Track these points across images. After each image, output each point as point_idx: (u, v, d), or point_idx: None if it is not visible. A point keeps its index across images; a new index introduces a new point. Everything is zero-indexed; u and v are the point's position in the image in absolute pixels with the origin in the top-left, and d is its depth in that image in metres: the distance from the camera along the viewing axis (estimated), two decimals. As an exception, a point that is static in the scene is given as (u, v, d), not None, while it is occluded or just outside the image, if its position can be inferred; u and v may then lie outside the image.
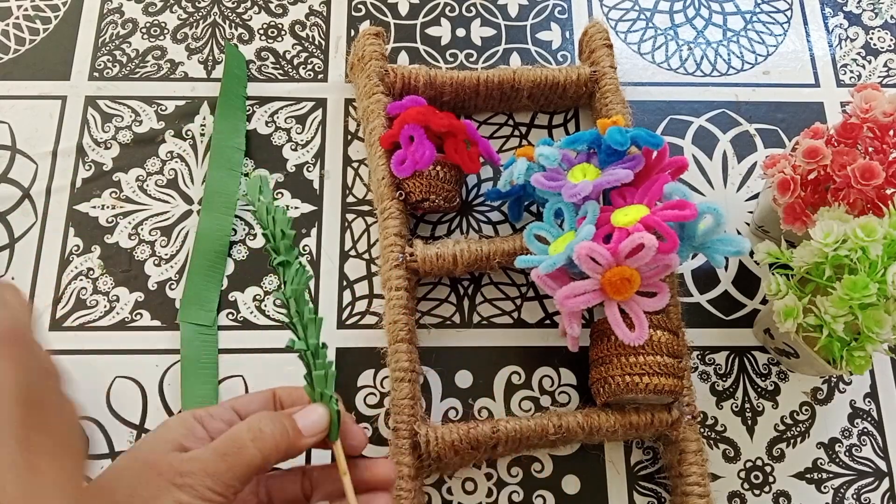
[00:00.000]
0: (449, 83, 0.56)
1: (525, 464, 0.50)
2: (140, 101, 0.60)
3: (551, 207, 0.49)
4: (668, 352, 0.45)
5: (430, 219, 0.57)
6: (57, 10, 0.63)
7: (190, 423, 0.34)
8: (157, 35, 0.62)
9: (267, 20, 0.63)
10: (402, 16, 0.64)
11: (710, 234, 0.45)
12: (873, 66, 0.64)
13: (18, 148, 0.58)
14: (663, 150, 0.47)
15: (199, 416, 0.35)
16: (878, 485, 0.51)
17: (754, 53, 0.64)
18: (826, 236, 0.42)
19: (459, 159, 0.51)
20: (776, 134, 0.61)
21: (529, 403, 0.52)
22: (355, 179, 0.58)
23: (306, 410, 0.35)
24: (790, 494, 0.50)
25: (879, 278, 0.41)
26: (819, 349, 0.45)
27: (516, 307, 0.54)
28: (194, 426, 0.34)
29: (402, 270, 0.50)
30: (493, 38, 0.63)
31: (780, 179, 0.47)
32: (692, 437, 0.48)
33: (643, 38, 0.64)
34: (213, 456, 0.32)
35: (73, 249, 0.55)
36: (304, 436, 0.34)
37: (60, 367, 0.31)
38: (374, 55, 0.55)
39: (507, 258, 0.50)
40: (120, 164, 0.57)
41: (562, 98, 0.58)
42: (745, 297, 0.55)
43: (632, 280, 0.43)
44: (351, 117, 0.60)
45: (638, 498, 0.50)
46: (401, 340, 0.48)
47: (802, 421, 0.52)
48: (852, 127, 0.47)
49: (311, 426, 0.35)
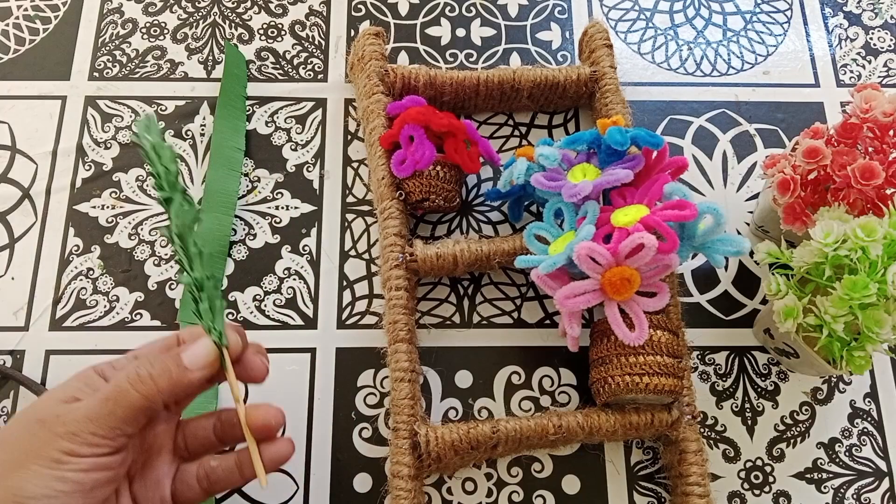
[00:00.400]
0: (449, 83, 0.56)
1: (525, 464, 0.50)
2: (140, 101, 0.59)
3: (551, 207, 0.49)
4: (668, 352, 0.45)
5: (430, 219, 0.57)
6: (57, 10, 0.63)
7: (88, 375, 0.34)
8: (157, 35, 0.62)
9: (267, 20, 0.63)
10: (402, 16, 0.64)
11: (710, 234, 0.45)
12: (873, 66, 0.64)
13: (18, 148, 0.58)
14: (663, 150, 0.47)
15: (101, 369, 0.35)
16: (878, 485, 0.51)
17: (754, 53, 0.64)
18: (826, 236, 0.42)
19: (459, 159, 0.51)
20: (776, 134, 0.61)
21: (529, 403, 0.52)
22: (355, 179, 0.58)
23: (191, 345, 0.35)
24: (790, 494, 0.50)
25: (879, 278, 0.41)
26: (819, 349, 0.45)
27: (516, 307, 0.54)
28: (93, 379, 0.34)
29: (402, 270, 0.50)
30: (493, 38, 0.63)
31: (780, 179, 0.47)
32: (692, 437, 0.48)
33: (643, 38, 0.64)
34: (95, 402, 0.32)
35: (73, 249, 0.55)
36: (190, 369, 0.34)
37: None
38: (374, 55, 0.55)
39: (507, 258, 0.50)
40: (120, 164, 0.57)
41: (562, 98, 0.58)
42: (745, 297, 0.55)
43: (632, 280, 0.43)
44: (351, 117, 0.60)
45: (638, 498, 0.50)
46: (401, 340, 0.48)
47: (802, 421, 0.52)
48: (852, 127, 0.47)
49: (195, 359, 0.34)
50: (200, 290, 0.36)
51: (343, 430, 0.51)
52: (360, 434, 0.51)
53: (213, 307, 0.36)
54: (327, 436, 0.50)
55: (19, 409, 0.51)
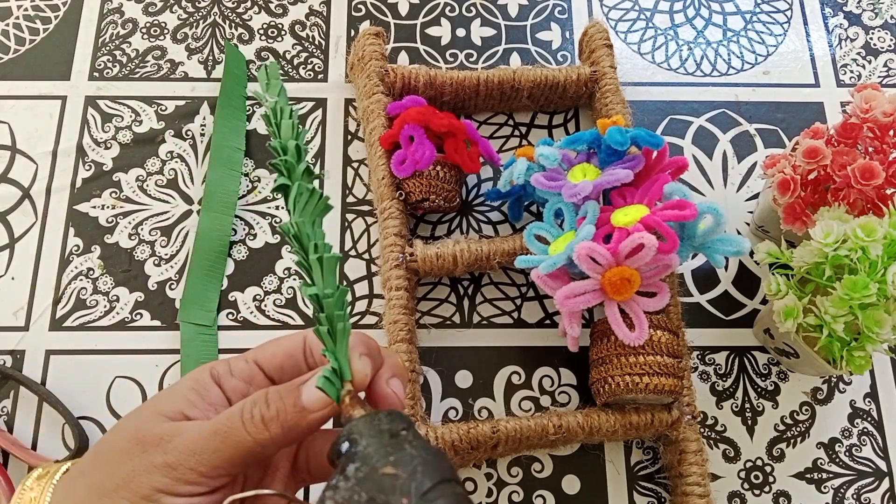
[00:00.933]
0: (449, 83, 0.56)
1: (525, 464, 0.50)
2: (140, 101, 0.60)
3: (551, 207, 0.49)
4: (668, 352, 0.45)
5: (430, 219, 0.57)
6: (57, 10, 0.63)
7: (204, 382, 0.29)
8: (157, 35, 0.62)
9: (267, 20, 0.63)
10: (402, 16, 0.64)
11: (710, 234, 0.45)
12: (873, 66, 0.64)
13: (18, 148, 0.58)
14: (663, 150, 0.47)
15: (218, 374, 0.30)
16: (878, 485, 0.51)
17: (754, 53, 0.64)
18: (826, 236, 0.42)
19: (459, 159, 0.51)
20: (776, 134, 0.61)
21: (529, 403, 0.52)
22: (355, 179, 0.58)
23: (314, 379, 0.28)
24: (790, 494, 0.50)
25: (879, 278, 0.41)
26: (819, 349, 0.45)
27: (516, 307, 0.54)
28: (208, 388, 0.29)
29: (402, 270, 0.50)
30: (493, 38, 0.63)
31: (780, 179, 0.47)
32: (692, 437, 0.48)
33: (643, 38, 0.64)
34: (204, 432, 0.27)
35: (73, 249, 0.55)
36: (309, 410, 0.27)
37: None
38: (374, 55, 0.55)
39: (507, 258, 0.50)
40: (120, 164, 0.57)
41: (562, 98, 0.58)
42: (745, 297, 0.55)
43: (632, 280, 0.43)
44: (351, 117, 0.60)
45: (638, 498, 0.50)
46: (401, 340, 0.48)
47: (802, 421, 0.52)
48: (852, 127, 0.47)
49: (315, 399, 0.27)
50: (320, 308, 0.27)
51: (343, 430, 0.50)
52: (360, 434, 0.50)
53: (335, 330, 0.27)
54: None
55: (19, 409, 0.51)
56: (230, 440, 0.27)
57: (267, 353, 0.31)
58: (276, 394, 0.28)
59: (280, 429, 0.27)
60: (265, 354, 0.31)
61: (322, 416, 0.28)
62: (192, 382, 0.29)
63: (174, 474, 0.26)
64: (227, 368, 0.30)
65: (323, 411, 0.28)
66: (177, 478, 0.26)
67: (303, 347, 0.31)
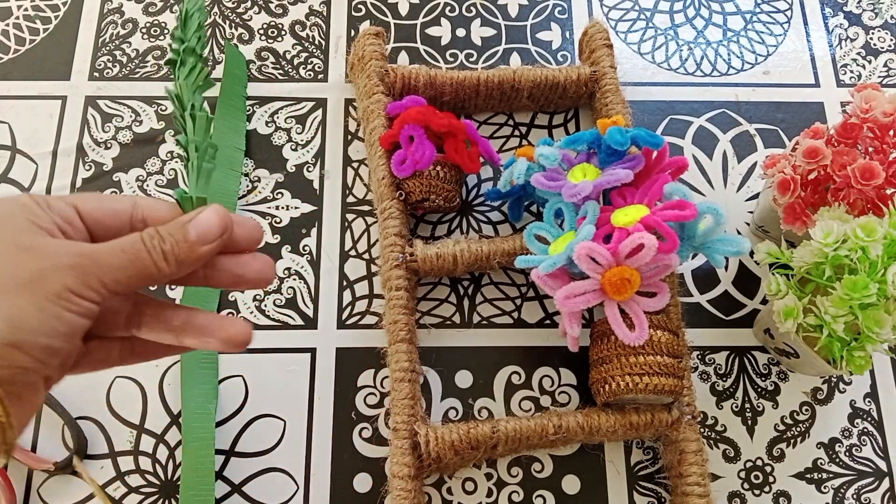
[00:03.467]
0: (449, 83, 0.56)
1: (525, 464, 0.50)
2: (140, 101, 0.60)
3: (551, 207, 0.49)
4: (668, 352, 0.45)
5: (430, 219, 0.57)
6: (57, 10, 0.63)
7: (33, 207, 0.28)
8: (157, 35, 0.62)
9: (267, 20, 0.63)
10: (402, 16, 0.64)
11: (710, 234, 0.45)
12: (873, 66, 0.64)
13: (18, 148, 0.58)
14: (663, 150, 0.47)
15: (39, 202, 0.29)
16: (878, 485, 0.51)
17: (754, 53, 0.64)
18: (826, 236, 0.42)
19: (459, 159, 0.51)
20: (776, 134, 0.61)
21: (529, 403, 0.52)
22: (355, 179, 0.58)
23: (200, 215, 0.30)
24: (790, 494, 0.50)
25: (879, 278, 0.41)
26: (819, 349, 0.45)
27: (516, 307, 0.54)
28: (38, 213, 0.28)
29: (402, 270, 0.50)
30: (493, 38, 0.63)
31: (780, 179, 0.47)
32: (692, 437, 0.48)
33: (643, 38, 0.64)
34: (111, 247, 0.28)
35: (73, 249, 0.55)
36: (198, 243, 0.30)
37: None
38: (374, 55, 0.55)
39: (507, 258, 0.50)
40: (120, 164, 0.57)
41: (562, 98, 0.58)
42: (745, 297, 0.55)
43: (632, 280, 0.43)
44: (351, 117, 0.60)
45: (638, 498, 0.50)
46: (401, 340, 0.48)
47: (802, 421, 0.52)
48: (852, 127, 0.47)
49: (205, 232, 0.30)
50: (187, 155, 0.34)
51: (343, 430, 0.51)
52: (360, 434, 0.51)
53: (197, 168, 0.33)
54: (327, 436, 0.50)
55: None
56: (137, 261, 0.28)
57: (89, 204, 0.31)
58: (166, 230, 0.30)
59: (175, 260, 0.29)
60: (87, 205, 0.31)
61: (210, 249, 0.30)
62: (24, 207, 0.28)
63: (82, 276, 0.27)
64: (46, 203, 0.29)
65: (210, 245, 0.30)
66: (83, 281, 0.27)
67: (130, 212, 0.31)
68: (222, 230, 0.30)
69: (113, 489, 0.49)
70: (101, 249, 0.28)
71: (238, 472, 0.49)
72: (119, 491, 0.49)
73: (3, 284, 0.26)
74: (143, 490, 0.49)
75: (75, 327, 0.27)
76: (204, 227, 0.30)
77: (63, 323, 0.26)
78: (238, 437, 0.50)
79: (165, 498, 0.49)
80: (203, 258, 0.30)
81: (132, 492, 0.49)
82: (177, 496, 0.49)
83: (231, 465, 0.50)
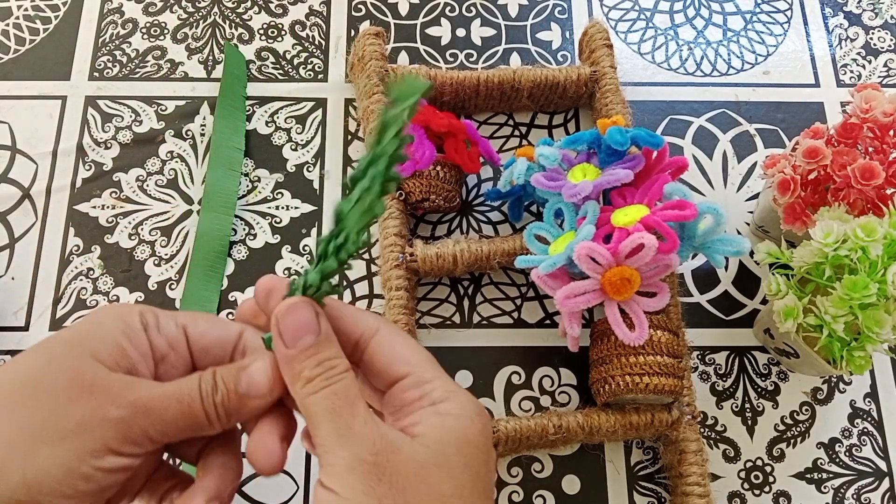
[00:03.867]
0: (449, 83, 0.56)
1: (525, 464, 0.50)
2: (140, 101, 0.60)
3: (551, 207, 0.49)
4: (668, 352, 0.45)
5: (430, 219, 0.57)
6: (57, 10, 0.63)
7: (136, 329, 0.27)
8: (157, 35, 0.62)
9: (267, 20, 0.63)
10: (402, 16, 0.64)
11: (710, 234, 0.45)
12: (873, 66, 0.64)
13: (18, 148, 0.58)
14: (663, 150, 0.47)
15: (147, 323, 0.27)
16: (878, 485, 0.51)
17: (754, 53, 0.64)
18: (826, 236, 0.42)
19: (459, 159, 0.51)
20: (776, 134, 0.61)
21: (529, 403, 0.52)
22: (355, 179, 0.58)
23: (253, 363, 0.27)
24: (790, 494, 0.50)
25: (879, 278, 0.41)
26: (819, 349, 0.45)
27: (516, 307, 0.54)
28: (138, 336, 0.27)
29: (402, 270, 0.50)
30: (493, 38, 0.63)
31: (780, 179, 0.47)
32: (692, 437, 0.48)
33: (643, 38, 0.64)
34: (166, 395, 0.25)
35: (73, 249, 0.55)
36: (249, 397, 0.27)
37: None
38: (374, 55, 0.55)
39: (507, 258, 0.50)
40: (120, 164, 0.57)
41: (562, 98, 0.58)
42: (745, 297, 0.55)
43: (632, 280, 0.43)
44: (351, 117, 0.60)
45: (638, 498, 0.50)
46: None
47: (802, 421, 0.52)
48: (852, 127, 0.47)
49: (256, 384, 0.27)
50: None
51: (343, 430, 0.50)
52: (360, 434, 0.50)
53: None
54: (327, 436, 0.50)
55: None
56: (190, 413, 0.26)
57: (199, 329, 0.29)
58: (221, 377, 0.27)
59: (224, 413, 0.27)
60: (196, 329, 0.29)
61: (261, 403, 0.27)
62: (123, 326, 0.27)
63: (126, 432, 0.24)
64: (156, 322, 0.28)
65: (262, 399, 0.27)
66: (126, 436, 0.24)
67: (236, 341, 0.29)
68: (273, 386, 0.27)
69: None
70: (156, 398, 0.25)
71: (238, 472, 0.49)
72: (119, 491, 0.49)
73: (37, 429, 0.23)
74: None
75: (104, 486, 0.25)
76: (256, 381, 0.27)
77: (93, 483, 0.24)
78: (238, 437, 0.50)
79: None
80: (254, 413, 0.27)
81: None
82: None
83: (231, 465, 0.50)
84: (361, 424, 0.25)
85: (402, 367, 0.28)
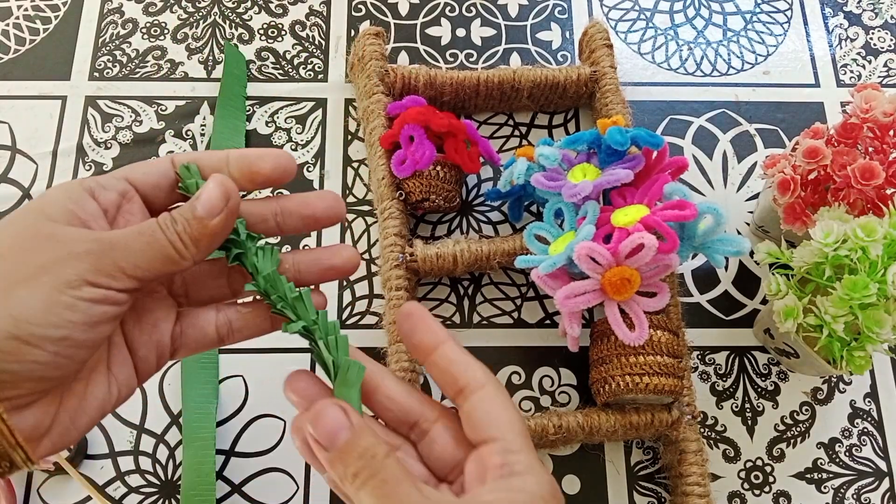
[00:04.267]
0: (449, 83, 0.56)
1: (525, 464, 0.50)
2: (140, 101, 0.60)
3: (551, 207, 0.49)
4: (668, 352, 0.45)
5: (430, 219, 0.57)
6: (57, 10, 0.63)
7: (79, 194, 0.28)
8: (157, 35, 0.62)
9: (267, 20, 0.63)
10: (402, 16, 0.64)
11: (710, 234, 0.45)
12: (873, 66, 0.64)
13: (18, 148, 0.58)
14: (663, 150, 0.47)
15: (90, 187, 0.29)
16: (878, 485, 0.51)
17: (754, 53, 0.64)
18: (826, 236, 0.42)
19: (459, 159, 0.51)
20: (776, 134, 0.61)
21: (529, 403, 0.52)
22: (355, 179, 0.58)
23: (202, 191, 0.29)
24: (790, 494, 0.50)
25: (879, 278, 0.41)
26: (819, 349, 0.45)
27: (516, 307, 0.54)
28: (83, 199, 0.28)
29: (402, 270, 0.50)
30: (493, 38, 0.63)
31: (780, 179, 0.47)
32: (692, 437, 0.48)
33: (643, 38, 0.65)
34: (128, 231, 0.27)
35: (73, 249, 0.55)
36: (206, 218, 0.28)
37: None
38: (374, 55, 0.55)
39: (507, 258, 0.50)
40: (120, 164, 0.57)
41: (562, 98, 0.58)
42: (745, 297, 0.55)
43: (632, 280, 0.43)
44: (351, 117, 0.60)
45: (638, 498, 0.50)
46: (401, 340, 0.48)
47: (802, 421, 0.52)
48: (852, 127, 0.47)
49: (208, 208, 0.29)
50: (311, 333, 0.33)
51: (343, 430, 0.50)
52: (360, 434, 0.51)
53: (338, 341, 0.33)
54: (327, 436, 0.50)
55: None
56: (154, 243, 0.28)
57: (139, 172, 0.31)
58: (178, 212, 0.29)
59: (189, 239, 0.28)
60: (137, 173, 0.31)
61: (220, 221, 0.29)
62: (69, 194, 0.28)
63: (96, 264, 0.26)
64: (97, 184, 0.29)
65: (219, 217, 0.29)
66: (99, 268, 0.26)
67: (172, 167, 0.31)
68: (226, 198, 0.29)
69: (113, 489, 0.49)
70: (118, 235, 0.27)
71: (238, 472, 0.49)
72: (119, 491, 0.49)
73: (11, 276, 0.25)
74: (144, 490, 0.49)
75: (94, 316, 0.26)
76: (207, 199, 0.29)
77: (79, 312, 0.26)
78: (238, 437, 0.50)
79: (165, 498, 0.49)
80: (217, 231, 0.29)
81: (132, 492, 0.49)
82: (177, 496, 0.49)
83: (231, 465, 0.50)
84: (416, 500, 0.27)
85: (494, 430, 0.31)
